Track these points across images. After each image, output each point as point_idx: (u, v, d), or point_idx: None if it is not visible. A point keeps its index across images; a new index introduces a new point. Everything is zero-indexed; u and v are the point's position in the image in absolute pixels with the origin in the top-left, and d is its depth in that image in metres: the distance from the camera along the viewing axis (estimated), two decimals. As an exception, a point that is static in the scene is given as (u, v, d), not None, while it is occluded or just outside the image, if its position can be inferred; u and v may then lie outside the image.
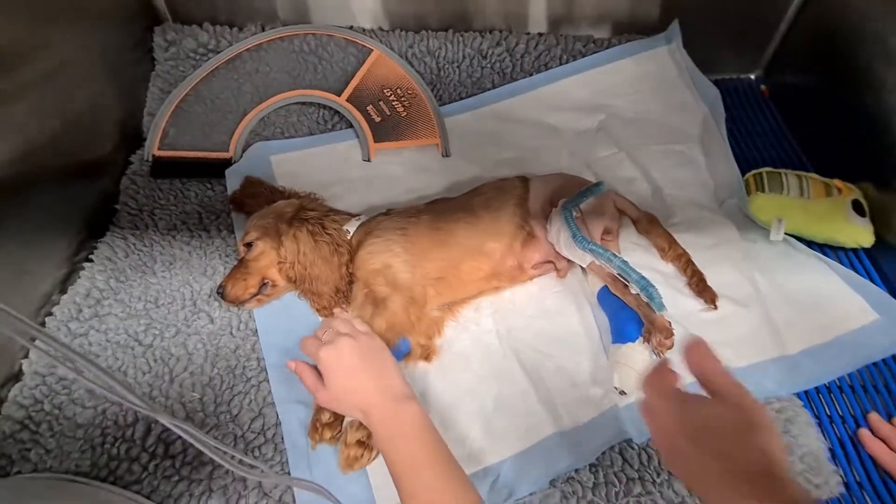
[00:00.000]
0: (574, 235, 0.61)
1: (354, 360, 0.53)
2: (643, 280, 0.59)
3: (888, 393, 0.65)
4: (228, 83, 0.87)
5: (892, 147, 0.73)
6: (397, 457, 0.48)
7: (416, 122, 0.86)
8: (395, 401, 0.51)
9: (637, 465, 0.58)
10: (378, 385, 0.52)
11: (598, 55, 0.92)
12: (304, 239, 0.65)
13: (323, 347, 0.53)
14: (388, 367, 0.54)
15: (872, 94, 0.77)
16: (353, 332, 0.55)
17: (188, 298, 0.67)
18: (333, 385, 0.53)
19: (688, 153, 0.85)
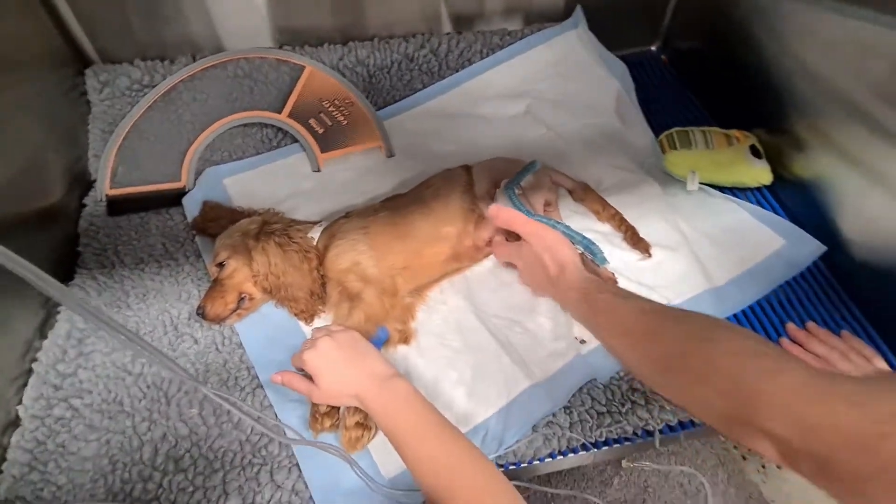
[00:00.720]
0: (519, 209, 0.68)
1: (336, 354, 0.57)
2: (585, 240, 0.67)
3: (801, 306, 0.76)
4: (168, 115, 0.89)
5: (775, 96, 0.85)
6: (396, 428, 0.53)
7: (358, 128, 0.91)
8: (382, 380, 0.56)
9: (604, 401, 0.66)
10: (363, 370, 0.56)
11: (515, 46, 1.00)
12: (273, 251, 0.69)
13: (305, 352, 0.58)
14: (368, 353, 0.59)
15: (753, 52, 0.88)
16: (328, 332, 0.60)
17: (169, 324, 0.70)
18: (324, 382, 0.57)
19: (607, 124, 0.94)
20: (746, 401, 0.41)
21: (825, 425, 0.36)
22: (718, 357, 0.44)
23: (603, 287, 0.59)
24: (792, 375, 0.39)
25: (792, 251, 0.79)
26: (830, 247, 0.78)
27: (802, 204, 0.82)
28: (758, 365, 0.42)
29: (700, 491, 0.76)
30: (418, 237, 0.71)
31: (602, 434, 0.64)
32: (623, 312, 0.55)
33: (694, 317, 0.50)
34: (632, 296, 0.57)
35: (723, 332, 0.47)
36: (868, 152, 0.72)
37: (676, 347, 0.48)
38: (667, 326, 0.51)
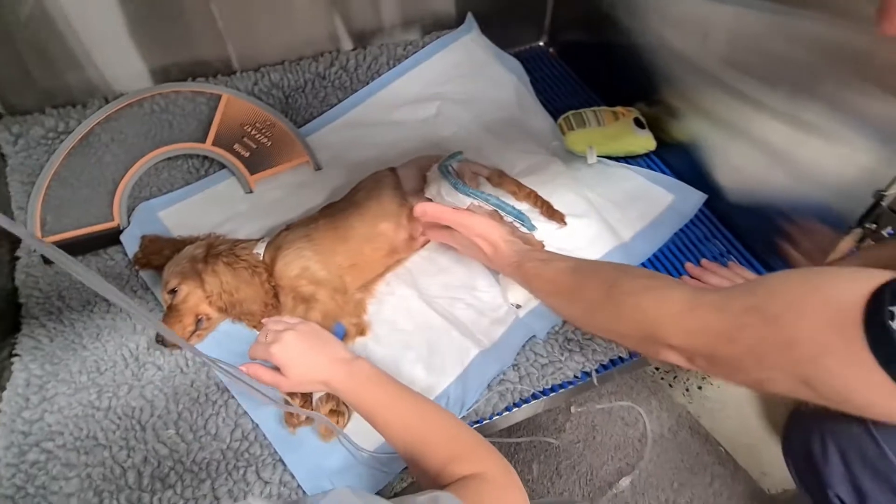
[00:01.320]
0: (455, 185, 0.76)
1: (301, 345, 0.62)
2: (514, 209, 0.77)
3: (695, 247, 0.88)
4: (89, 159, 0.90)
5: (647, 73, 0.98)
6: (366, 403, 0.59)
7: (283, 147, 0.96)
8: (346, 363, 0.61)
9: (545, 354, 0.75)
10: (327, 357, 0.61)
11: (418, 54, 1.08)
12: (223, 270, 0.73)
13: (271, 346, 0.62)
14: (329, 340, 0.64)
15: (623, 36, 1.01)
16: (289, 326, 0.64)
17: (129, 357, 0.72)
18: (293, 372, 0.61)
19: (511, 116, 1.04)
20: (650, 326, 0.52)
21: (701, 329, 0.47)
22: (623, 297, 0.55)
23: (530, 256, 0.68)
24: (674, 298, 0.50)
25: (681, 203, 0.92)
26: (710, 195, 0.92)
27: (684, 163, 0.96)
28: (651, 296, 0.52)
29: (638, 420, 0.87)
30: (358, 236, 0.77)
31: (548, 382, 0.73)
32: (549, 275, 0.64)
33: (603, 268, 0.61)
34: (553, 258, 0.67)
35: (623, 276, 0.57)
36: (726, 112, 0.85)
37: (594, 296, 0.58)
38: (585, 281, 0.60)
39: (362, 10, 1.03)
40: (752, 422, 0.87)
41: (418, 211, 0.73)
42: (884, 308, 0.36)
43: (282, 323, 0.65)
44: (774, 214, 0.81)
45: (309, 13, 0.99)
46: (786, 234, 0.82)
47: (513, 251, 0.70)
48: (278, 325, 0.64)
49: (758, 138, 0.80)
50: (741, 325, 0.43)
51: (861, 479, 0.49)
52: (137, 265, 0.80)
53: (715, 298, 0.47)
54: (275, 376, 0.62)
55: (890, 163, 0.64)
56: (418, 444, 0.54)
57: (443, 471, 0.50)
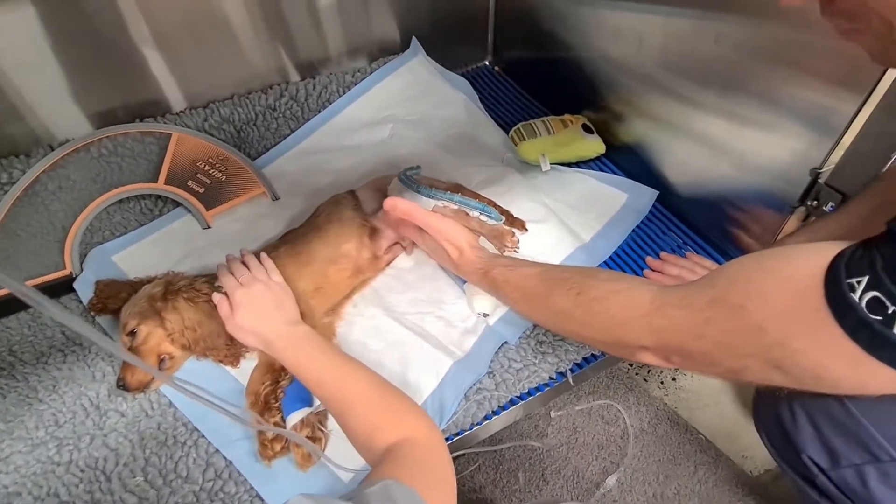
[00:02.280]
0: (417, 189, 0.77)
1: (262, 298, 0.66)
2: (479, 204, 0.77)
3: (653, 241, 0.91)
4: (35, 208, 0.87)
5: (589, 82, 1.01)
6: (301, 363, 0.60)
7: (238, 180, 0.95)
8: (291, 324, 0.64)
9: (519, 359, 0.75)
10: (278, 318, 0.65)
11: (366, 80, 1.09)
12: (184, 306, 0.71)
13: (239, 289, 0.66)
14: (289, 307, 0.67)
15: (563, 49, 1.05)
16: (266, 281, 0.68)
17: (90, 406, 0.69)
18: (242, 319, 0.64)
19: (463, 132, 1.06)
20: (619, 330, 0.52)
21: (669, 327, 0.48)
22: (591, 304, 0.55)
23: (496, 262, 0.69)
24: (640, 299, 0.51)
25: (635, 201, 0.95)
26: (662, 191, 0.95)
27: (633, 163, 0.99)
28: (617, 300, 0.53)
29: (618, 417, 0.87)
30: (321, 259, 0.77)
31: (524, 386, 0.73)
32: (517, 281, 0.65)
33: (569, 274, 0.61)
34: (519, 264, 0.67)
35: (589, 281, 0.58)
36: (666, 112, 0.89)
37: (562, 304, 0.59)
38: (552, 288, 0.61)
39: (308, 42, 1.04)
40: (728, 408, 0.88)
41: (388, 204, 0.71)
42: (841, 281, 0.36)
43: (262, 271, 0.70)
44: (723, 204, 0.85)
45: (255, 47, 1.00)
46: (736, 221, 0.85)
47: (479, 257, 0.70)
48: (258, 272, 0.70)
49: (699, 134, 0.84)
50: (707, 319, 0.44)
51: (831, 439, 0.51)
52: (93, 311, 0.77)
53: (679, 295, 0.48)
54: (227, 311, 0.66)
55: (821, 143, 0.68)
56: (348, 407, 0.55)
57: (372, 436, 0.51)
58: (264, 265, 0.73)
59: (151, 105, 0.98)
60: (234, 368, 0.73)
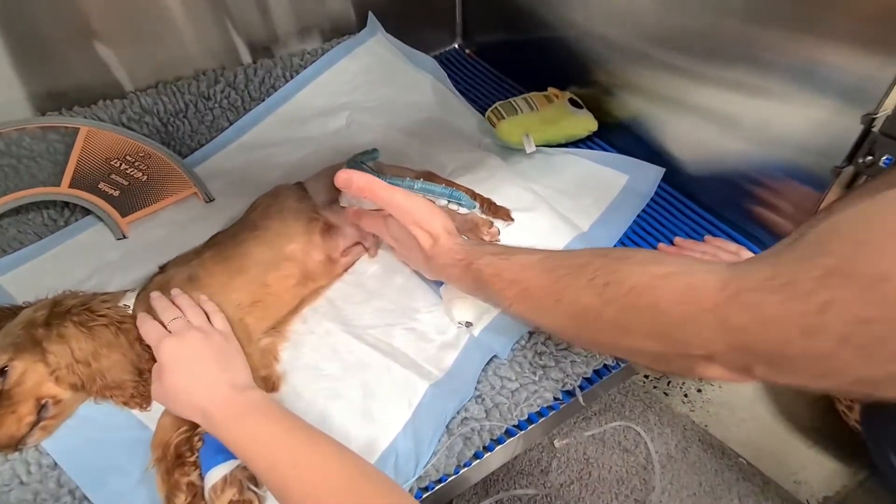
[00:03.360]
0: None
1: (200, 355, 0.50)
2: (446, 189, 0.62)
3: (663, 227, 0.76)
4: None
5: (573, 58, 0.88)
6: (246, 440, 0.44)
7: (162, 180, 0.79)
8: (238, 389, 0.48)
9: (514, 376, 0.59)
10: (222, 380, 0.49)
11: (318, 63, 0.95)
12: (73, 333, 0.54)
13: (167, 339, 0.51)
14: (235, 366, 0.52)
15: (542, 27, 0.92)
16: (205, 329, 0.52)
17: (-60, 474, 0.51)
18: (170, 381, 0.49)
19: (432, 117, 0.92)
20: (675, 333, 0.36)
21: (755, 323, 0.32)
22: (628, 298, 0.38)
23: (481, 251, 0.52)
24: (704, 285, 0.34)
25: (637, 182, 0.81)
26: (667, 169, 0.81)
27: (631, 142, 0.85)
28: (669, 289, 0.36)
29: (638, 442, 0.71)
30: (258, 265, 0.61)
31: (522, 412, 0.57)
32: (512, 274, 0.48)
33: (587, 257, 0.44)
34: (513, 252, 0.51)
35: (621, 265, 0.40)
36: (659, 86, 0.77)
37: (583, 300, 0.42)
38: (565, 277, 0.44)
39: (248, 19, 0.89)
40: (769, 421, 0.73)
41: (341, 179, 0.54)
42: None
43: (200, 316, 0.54)
44: (740, 179, 0.73)
45: (184, 25, 0.85)
46: (758, 199, 0.72)
47: (458, 245, 0.54)
48: (196, 317, 0.54)
49: (704, 107, 0.73)
50: (823, 304, 0.28)
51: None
52: (-38, 347, 0.60)
53: (765, 272, 0.32)
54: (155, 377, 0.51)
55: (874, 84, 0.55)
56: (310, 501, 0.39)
57: None
58: (204, 307, 0.56)
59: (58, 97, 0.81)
60: (143, 412, 0.56)
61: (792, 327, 0.30)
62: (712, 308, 0.33)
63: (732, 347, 0.33)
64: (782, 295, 0.30)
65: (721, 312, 0.33)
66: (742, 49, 0.65)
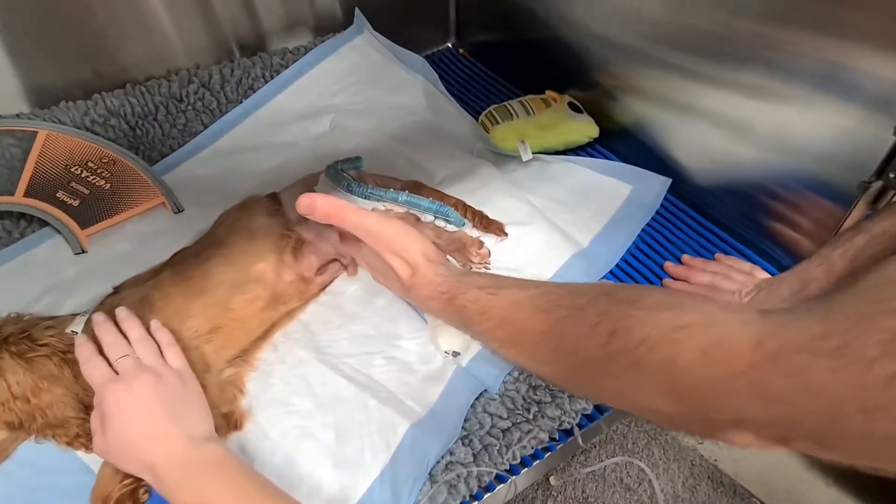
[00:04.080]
0: (349, 186, 0.56)
1: (150, 407, 0.43)
2: (433, 204, 0.57)
3: (669, 243, 0.71)
4: None
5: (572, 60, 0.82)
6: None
7: (127, 189, 0.73)
8: (195, 442, 0.42)
9: (506, 414, 0.53)
10: (174, 430, 0.42)
11: (300, 63, 0.89)
12: (10, 366, 0.48)
13: (112, 383, 0.44)
14: (192, 414, 0.45)
15: (540, 27, 0.86)
16: (158, 369, 0.46)
17: None
18: (116, 434, 0.43)
19: (422, 120, 0.86)
20: (693, 395, 0.30)
21: (799, 393, 0.26)
22: (640, 352, 0.32)
23: (465, 283, 0.45)
24: (732, 340, 0.28)
25: (641, 193, 0.75)
26: (674, 179, 0.75)
27: (635, 149, 0.79)
28: (691, 344, 0.30)
29: (642, 479, 0.66)
30: (222, 286, 0.55)
31: (515, 455, 0.51)
32: (499, 312, 0.42)
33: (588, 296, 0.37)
34: (503, 284, 0.44)
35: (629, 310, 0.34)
36: (666, 89, 0.72)
37: (585, 349, 0.35)
38: (564, 322, 0.37)
39: (225, 14, 0.83)
40: (783, 458, 0.67)
41: (303, 204, 0.47)
42: None
43: (152, 352, 0.48)
44: (754, 191, 0.67)
45: (154, 20, 0.79)
46: (774, 213, 0.67)
47: (440, 276, 0.47)
48: (147, 353, 0.47)
49: (715, 113, 0.67)
50: (891, 376, 0.22)
51: None
52: None
53: (814, 328, 0.26)
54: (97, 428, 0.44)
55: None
56: None
57: None
58: (157, 338, 0.49)
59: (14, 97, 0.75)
60: (89, 453, 0.50)
61: (848, 402, 0.24)
62: (745, 370, 0.27)
63: (771, 418, 0.27)
64: (836, 361, 0.24)
65: (757, 376, 0.27)
66: (758, 50, 0.59)
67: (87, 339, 0.49)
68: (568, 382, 0.40)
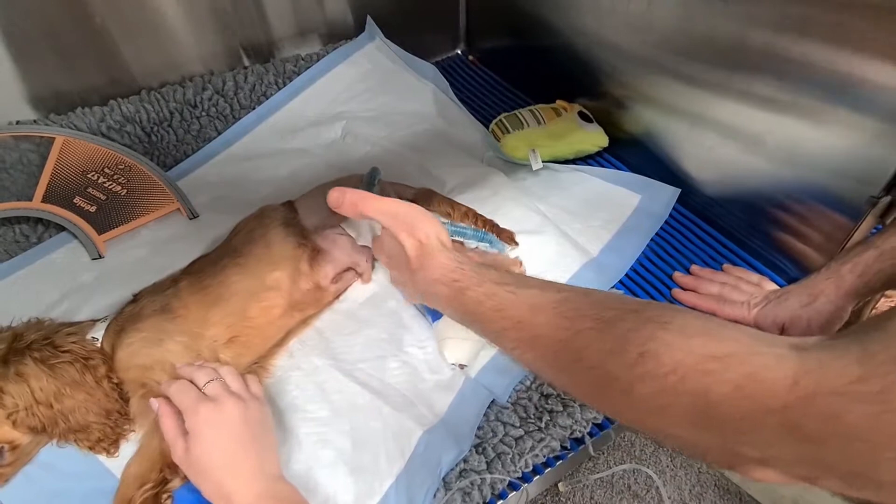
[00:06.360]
0: None
1: (237, 433, 0.44)
2: (477, 232, 0.60)
3: (679, 253, 0.71)
4: None
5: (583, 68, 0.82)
6: None
7: (143, 195, 0.74)
8: (271, 479, 0.43)
9: (518, 422, 0.54)
10: (253, 463, 0.43)
11: (312, 69, 0.89)
12: (33, 371, 0.49)
13: (204, 403, 0.45)
14: (268, 444, 0.46)
15: (551, 35, 0.87)
16: (244, 394, 0.47)
17: None
18: (201, 451, 0.43)
19: (433, 128, 0.87)
20: (722, 428, 0.29)
21: (839, 438, 0.25)
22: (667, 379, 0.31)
23: (482, 276, 0.43)
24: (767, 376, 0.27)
25: (651, 202, 0.76)
26: (683, 190, 0.76)
27: (644, 159, 0.80)
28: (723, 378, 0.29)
29: (650, 486, 0.66)
30: (239, 295, 0.56)
31: (527, 463, 0.52)
32: (517, 313, 0.40)
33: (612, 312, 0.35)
34: (523, 283, 0.41)
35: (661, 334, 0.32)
36: (676, 99, 0.72)
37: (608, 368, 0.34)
38: (583, 334, 0.36)
39: (238, 21, 0.84)
40: (790, 465, 0.68)
41: (333, 198, 0.48)
42: None
43: (238, 381, 0.49)
44: (764, 203, 0.67)
45: (171, 29, 0.80)
46: (783, 225, 0.67)
47: (454, 262, 0.45)
48: (236, 383, 0.48)
49: (725, 123, 0.68)
50: None
51: None
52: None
53: (852, 371, 0.25)
54: (177, 431, 0.45)
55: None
56: None
57: None
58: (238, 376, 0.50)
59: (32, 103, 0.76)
60: (110, 458, 0.51)
61: (887, 450, 0.24)
62: (780, 409, 0.27)
63: (798, 457, 0.27)
64: (875, 406, 0.24)
65: (790, 416, 0.26)
66: (770, 61, 0.59)
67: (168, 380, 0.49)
68: (587, 398, 0.39)
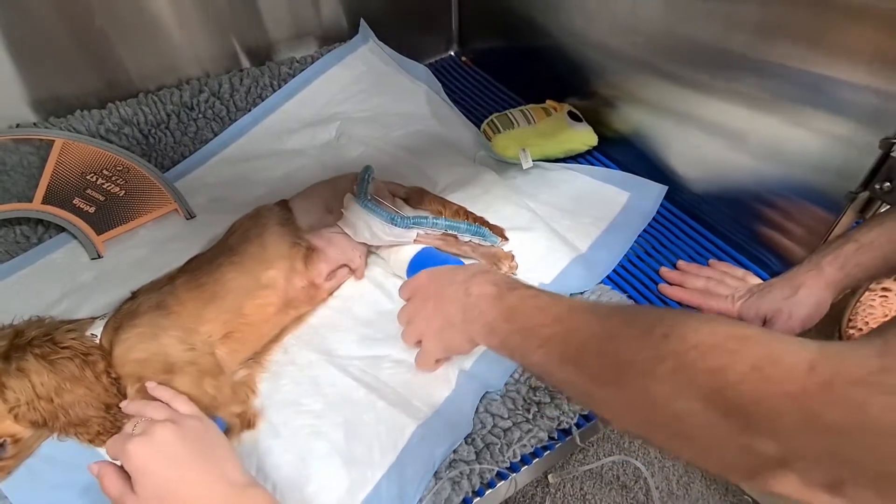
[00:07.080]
0: (392, 219, 0.61)
1: (178, 451, 0.41)
2: (471, 226, 0.64)
3: (666, 249, 0.73)
4: None
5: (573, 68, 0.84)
6: None
7: (141, 196, 0.75)
8: (238, 488, 0.41)
9: (507, 414, 0.56)
10: (210, 477, 0.41)
11: (307, 71, 0.91)
12: (34, 367, 0.51)
13: (131, 440, 0.41)
14: (219, 450, 0.44)
15: (541, 36, 0.89)
16: (172, 417, 0.44)
17: None
18: (147, 490, 0.40)
19: (426, 128, 0.88)
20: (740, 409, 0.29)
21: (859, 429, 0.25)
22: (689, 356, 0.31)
23: (514, 281, 0.47)
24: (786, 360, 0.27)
25: (639, 200, 0.77)
26: (670, 187, 0.77)
27: (632, 157, 0.82)
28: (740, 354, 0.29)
29: (638, 476, 0.68)
30: (234, 292, 0.57)
31: (515, 453, 0.54)
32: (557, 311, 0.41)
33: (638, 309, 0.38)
34: (541, 293, 0.44)
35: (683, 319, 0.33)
36: (663, 98, 0.74)
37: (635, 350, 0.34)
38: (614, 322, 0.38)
39: (234, 25, 0.85)
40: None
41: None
42: None
43: (163, 409, 0.46)
44: (748, 199, 0.69)
45: (167, 33, 0.81)
46: (767, 220, 0.69)
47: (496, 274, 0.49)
48: (158, 412, 0.45)
49: (710, 122, 0.70)
50: None
51: None
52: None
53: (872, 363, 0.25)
54: (122, 489, 0.41)
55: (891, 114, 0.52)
56: None
57: None
58: (157, 395, 0.49)
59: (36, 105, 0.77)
60: (110, 451, 0.53)
61: None
62: (798, 394, 0.26)
63: (820, 453, 0.26)
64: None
65: (808, 403, 0.26)
66: (752, 62, 0.61)
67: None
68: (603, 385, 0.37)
